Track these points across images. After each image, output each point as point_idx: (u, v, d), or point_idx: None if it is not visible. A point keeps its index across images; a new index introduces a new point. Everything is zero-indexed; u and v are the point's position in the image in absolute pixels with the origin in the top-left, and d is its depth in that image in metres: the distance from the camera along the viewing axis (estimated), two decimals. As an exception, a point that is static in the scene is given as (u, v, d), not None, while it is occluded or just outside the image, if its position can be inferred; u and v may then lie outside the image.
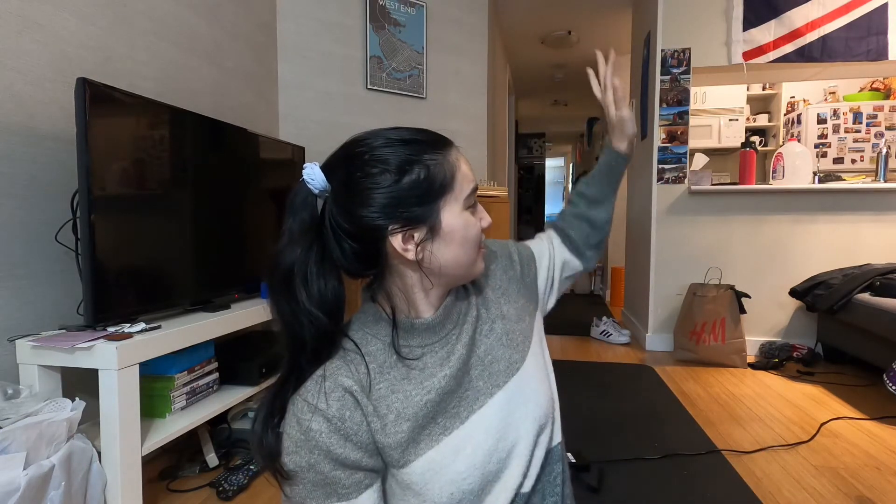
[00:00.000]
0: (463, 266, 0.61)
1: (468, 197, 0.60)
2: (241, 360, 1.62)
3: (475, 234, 0.61)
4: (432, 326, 0.62)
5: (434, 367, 0.61)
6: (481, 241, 0.63)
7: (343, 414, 0.56)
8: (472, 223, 0.61)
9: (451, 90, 2.96)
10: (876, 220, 2.81)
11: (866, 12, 2.71)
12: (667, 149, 2.97)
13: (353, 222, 0.56)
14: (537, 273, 0.78)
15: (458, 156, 0.61)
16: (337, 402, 0.56)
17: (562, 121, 7.84)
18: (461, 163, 0.61)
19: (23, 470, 0.91)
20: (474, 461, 0.59)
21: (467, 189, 0.60)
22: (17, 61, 1.22)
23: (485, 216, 0.63)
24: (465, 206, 0.60)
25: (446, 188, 0.58)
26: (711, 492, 1.43)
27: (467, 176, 0.61)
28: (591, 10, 3.89)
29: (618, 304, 4.63)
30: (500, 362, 0.65)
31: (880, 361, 2.12)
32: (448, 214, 0.59)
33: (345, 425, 0.56)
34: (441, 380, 0.60)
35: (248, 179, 1.81)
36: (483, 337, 0.66)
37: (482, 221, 0.63)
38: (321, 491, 0.56)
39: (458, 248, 0.60)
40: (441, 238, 0.59)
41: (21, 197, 1.23)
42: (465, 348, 0.63)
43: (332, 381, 0.57)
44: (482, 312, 0.68)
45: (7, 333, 1.18)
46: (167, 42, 1.73)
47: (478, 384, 0.63)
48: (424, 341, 0.62)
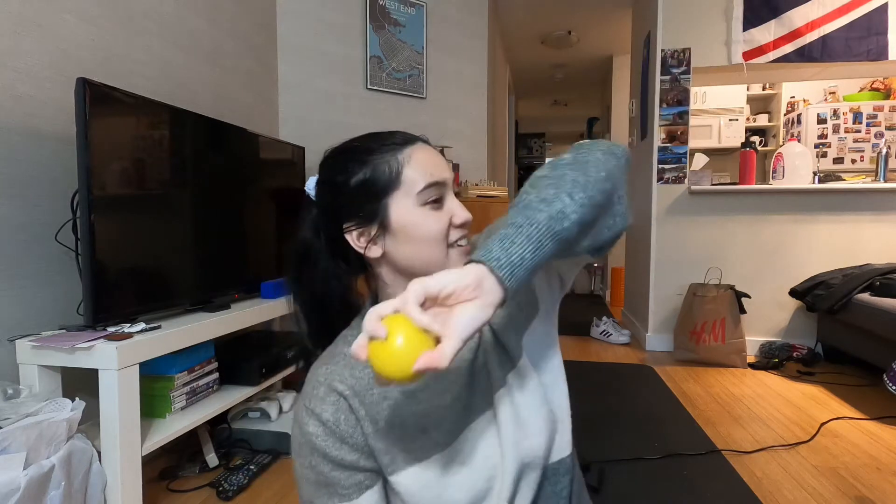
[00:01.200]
0: (426, 263, 0.58)
1: (422, 192, 0.58)
2: (241, 360, 1.62)
3: (434, 230, 0.58)
4: None
5: (427, 377, 0.60)
6: (452, 239, 0.59)
7: (338, 417, 0.57)
8: (428, 219, 0.58)
9: (451, 90, 2.96)
10: (876, 220, 2.81)
11: (866, 12, 2.71)
12: (667, 149, 2.97)
13: (324, 223, 0.62)
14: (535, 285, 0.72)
15: (412, 153, 0.59)
16: (331, 407, 0.57)
17: (562, 121, 7.84)
18: (415, 159, 0.59)
19: (23, 470, 0.91)
20: (462, 480, 0.59)
21: (421, 183, 0.58)
22: (17, 61, 1.22)
23: (459, 212, 0.60)
24: (421, 201, 0.58)
25: (392, 185, 0.58)
26: (711, 492, 1.43)
27: (423, 171, 0.58)
28: (591, 10, 3.89)
29: (618, 304, 4.63)
30: (494, 381, 0.63)
31: (880, 361, 2.12)
32: (397, 210, 0.58)
33: (339, 428, 0.57)
34: (433, 393, 0.60)
35: (247, 179, 1.81)
36: (481, 351, 0.64)
37: (454, 217, 0.59)
38: (324, 491, 0.58)
39: (416, 245, 0.58)
40: (394, 234, 0.59)
41: (21, 197, 1.23)
42: (463, 363, 0.62)
43: (327, 386, 0.59)
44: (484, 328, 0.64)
45: (7, 333, 1.18)
46: (167, 42, 1.73)
47: (473, 401, 0.62)
48: None
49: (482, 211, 2.58)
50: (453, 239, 0.59)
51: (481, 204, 2.58)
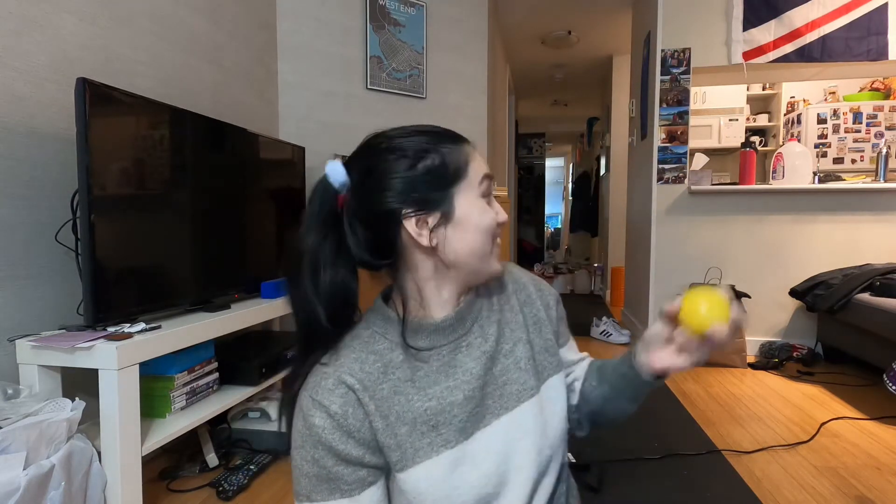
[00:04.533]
0: (477, 256, 0.60)
1: (482, 184, 0.61)
2: (241, 360, 1.62)
3: (489, 222, 0.60)
4: (442, 328, 0.61)
5: (439, 373, 0.61)
6: (496, 236, 0.62)
7: (346, 411, 0.56)
8: (486, 211, 0.61)
9: (451, 90, 2.96)
10: (876, 220, 2.81)
11: (866, 12, 2.71)
12: (667, 149, 2.97)
13: (369, 208, 0.59)
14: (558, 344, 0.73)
15: (472, 149, 0.63)
16: (340, 399, 0.56)
17: (562, 121, 7.84)
18: (476, 154, 0.62)
19: (23, 470, 0.91)
20: (471, 481, 0.58)
21: (481, 175, 0.61)
22: (17, 61, 1.22)
23: (501, 211, 0.62)
24: (481, 193, 0.61)
25: (460, 174, 0.60)
26: (711, 492, 1.43)
27: (482, 166, 0.62)
28: (591, 10, 3.89)
29: (618, 304, 4.63)
30: (514, 384, 0.63)
31: (880, 361, 2.12)
32: (462, 200, 0.59)
33: (347, 422, 0.56)
34: (444, 389, 0.60)
35: (247, 179, 1.81)
36: (502, 356, 0.64)
37: (498, 215, 0.62)
38: (325, 486, 0.57)
39: (472, 236, 0.59)
40: (454, 224, 0.59)
41: (21, 197, 1.23)
42: (477, 363, 0.62)
43: (336, 378, 0.57)
44: (506, 332, 0.66)
45: (7, 333, 1.18)
46: (167, 42, 1.73)
47: (487, 402, 0.62)
48: (433, 342, 0.61)
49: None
50: (497, 232, 0.62)
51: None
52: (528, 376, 0.64)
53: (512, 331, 0.66)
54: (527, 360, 0.65)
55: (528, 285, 0.71)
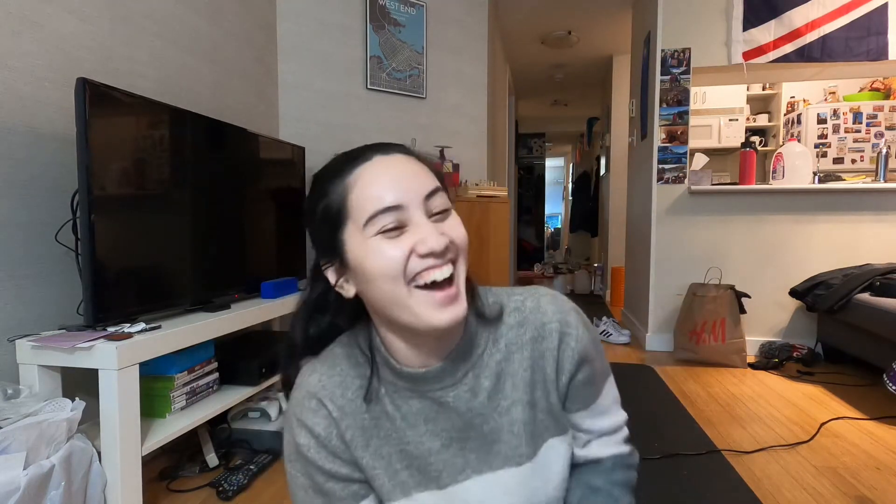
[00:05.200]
0: (389, 308, 0.50)
1: (371, 220, 0.48)
2: (241, 360, 1.62)
3: (385, 264, 0.48)
4: (425, 378, 0.55)
5: (419, 416, 0.56)
6: (412, 270, 0.48)
7: (329, 433, 0.56)
8: (380, 252, 0.48)
9: (451, 90, 2.96)
10: (876, 220, 2.81)
11: (866, 12, 2.71)
12: (667, 149, 2.97)
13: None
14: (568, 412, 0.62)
15: (362, 172, 0.50)
16: (323, 421, 0.56)
17: (562, 121, 7.84)
18: (363, 181, 0.50)
19: (23, 470, 0.91)
20: None
21: (368, 210, 0.48)
22: (17, 61, 1.22)
23: (427, 237, 0.48)
24: (373, 231, 0.48)
25: (342, 215, 0.51)
26: (711, 492, 1.43)
27: (371, 195, 0.49)
28: (591, 10, 3.89)
29: (618, 304, 4.62)
30: (503, 446, 0.57)
31: (880, 361, 2.12)
32: (350, 245, 0.50)
33: (331, 444, 0.56)
34: (423, 433, 0.56)
35: (247, 179, 1.81)
36: (495, 414, 0.57)
37: (418, 245, 0.48)
38: (320, 499, 0.57)
39: (372, 285, 0.50)
40: (353, 272, 0.52)
41: (21, 197, 1.23)
42: (462, 418, 0.56)
43: (318, 400, 0.56)
44: (506, 386, 0.57)
45: (7, 333, 1.18)
46: (167, 42, 1.73)
47: (469, 455, 0.57)
48: (416, 388, 0.56)
49: (482, 210, 2.58)
50: (413, 270, 0.48)
51: (481, 203, 2.58)
52: (519, 442, 0.57)
53: (514, 387, 0.57)
54: (522, 425, 0.57)
55: (551, 335, 0.58)
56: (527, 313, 0.58)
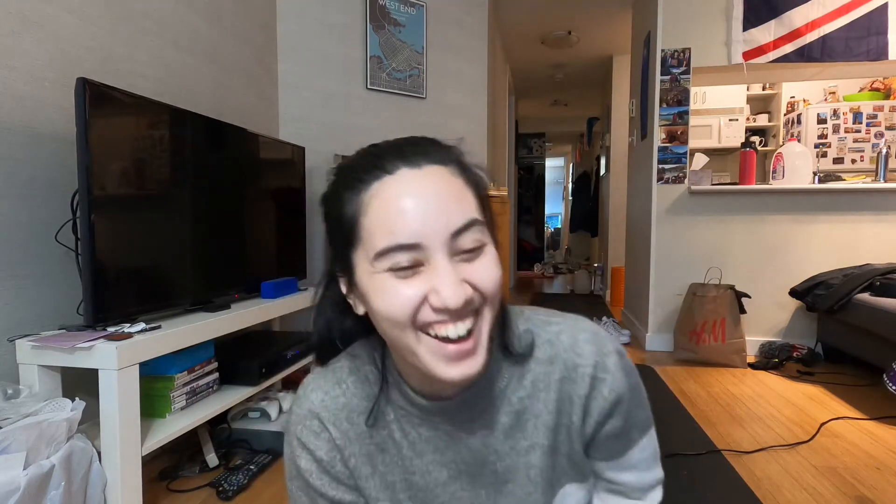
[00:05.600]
0: (396, 346, 0.44)
1: (380, 257, 0.40)
2: (241, 360, 1.62)
3: (393, 309, 0.41)
4: (437, 411, 0.51)
5: (427, 444, 0.52)
6: (423, 320, 0.41)
7: (333, 457, 0.52)
8: (388, 291, 0.41)
9: (451, 90, 2.96)
10: (876, 220, 2.81)
11: (866, 12, 2.71)
12: (667, 149, 2.97)
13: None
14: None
15: (380, 190, 0.41)
16: (326, 445, 0.52)
17: (562, 121, 7.85)
18: (379, 204, 0.41)
19: (23, 470, 0.91)
20: None
21: (378, 243, 0.40)
22: (17, 61, 1.22)
23: (442, 289, 0.40)
24: (382, 267, 0.41)
25: (353, 236, 0.43)
26: (711, 492, 1.43)
27: (384, 226, 0.40)
28: (591, 10, 3.89)
29: (618, 304, 4.62)
30: (517, 488, 0.52)
31: (880, 361, 2.11)
32: (359, 270, 0.43)
33: (334, 469, 0.52)
34: (429, 463, 0.52)
35: (247, 179, 1.81)
36: (512, 454, 0.52)
37: (431, 296, 0.40)
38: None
39: (378, 322, 0.44)
40: (362, 298, 0.45)
41: (21, 197, 1.23)
42: (474, 455, 0.52)
43: (320, 421, 0.52)
44: (527, 427, 0.52)
45: (7, 333, 1.18)
46: (167, 42, 1.73)
47: (478, 491, 0.53)
48: (426, 417, 0.52)
49: (482, 211, 2.57)
50: (423, 320, 0.41)
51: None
52: (535, 489, 0.52)
53: (535, 428, 0.52)
54: (539, 472, 0.52)
55: (582, 379, 0.51)
56: (559, 350, 0.51)
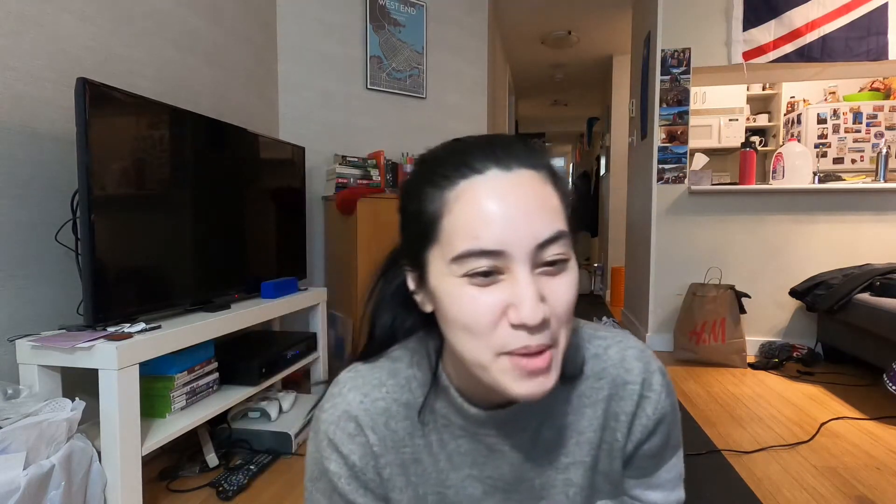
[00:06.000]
0: (467, 358, 0.41)
1: (458, 260, 0.38)
2: (241, 360, 1.62)
3: (471, 317, 0.39)
4: (485, 422, 0.49)
5: (465, 456, 0.50)
6: (503, 343, 0.39)
7: (366, 463, 0.49)
8: (465, 297, 0.39)
9: (451, 90, 2.96)
10: (876, 220, 2.81)
11: (866, 12, 2.71)
12: (667, 149, 2.97)
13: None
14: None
15: (467, 190, 0.39)
16: (360, 450, 0.49)
17: (562, 121, 7.85)
18: (463, 204, 0.39)
19: (23, 470, 0.91)
20: None
21: (461, 246, 0.38)
22: (16, 61, 1.22)
23: (522, 304, 0.37)
24: (460, 271, 0.39)
25: (432, 234, 0.41)
26: (711, 492, 1.43)
27: (466, 228, 0.38)
28: (591, 10, 3.89)
29: (618, 304, 4.62)
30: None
31: (880, 361, 2.11)
32: (434, 269, 0.41)
33: (366, 476, 0.49)
34: (465, 478, 0.50)
35: (247, 179, 1.81)
36: (551, 469, 0.51)
37: (511, 311, 0.38)
38: None
39: (452, 330, 0.41)
40: (432, 298, 0.43)
41: (21, 197, 1.23)
42: (513, 470, 0.50)
43: (357, 423, 0.49)
44: (570, 443, 0.51)
45: (7, 333, 1.18)
46: (167, 42, 1.73)
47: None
48: (469, 428, 0.50)
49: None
50: (505, 343, 0.39)
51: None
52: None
53: (578, 445, 0.51)
54: (579, 490, 0.51)
55: (630, 397, 0.50)
56: (608, 365, 0.50)
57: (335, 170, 2.38)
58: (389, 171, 2.54)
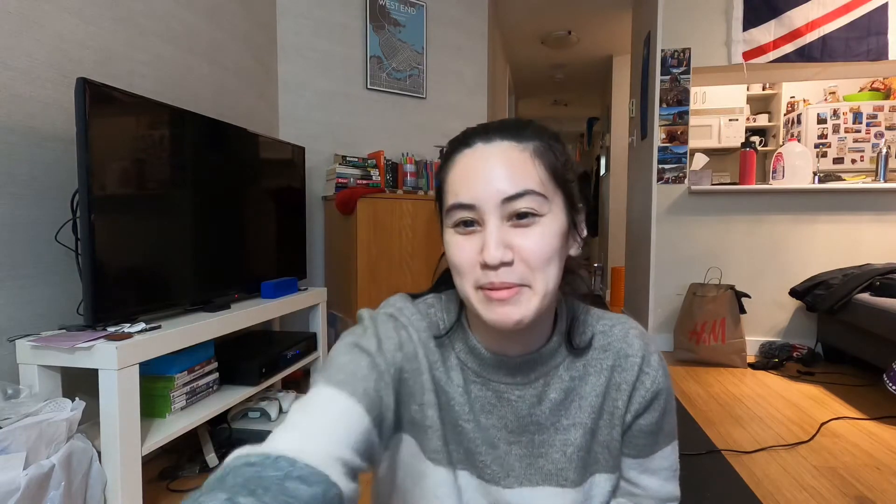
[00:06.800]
0: (461, 293, 0.50)
1: (448, 212, 0.49)
2: (241, 360, 1.62)
3: (455, 259, 0.48)
4: (496, 365, 0.54)
5: (476, 402, 0.55)
6: (477, 278, 0.47)
7: (393, 358, 0.52)
8: (452, 245, 0.49)
9: (451, 90, 2.96)
10: (876, 220, 2.81)
11: (866, 12, 2.71)
12: (667, 149, 2.97)
13: None
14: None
15: (459, 159, 0.49)
16: (396, 341, 0.53)
17: (562, 121, 7.84)
18: (456, 169, 0.49)
19: (23, 470, 0.91)
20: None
21: (449, 201, 0.49)
22: (17, 61, 1.22)
23: (486, 247, 0.46)
24: (450, 222, 0.49)
25: (440, 197, 0.52)
26: (711, 492, 1.43)
27: (453, 187, 0.49)
28: (591, 10, 3.89)
29: (618, 304, 4.62)
30: (550, 464, 0.55)
31: (880, 361, 2.12)
32: (444, 225, 0.51)
33: (386, 371, 0.50)
34: (476, 422, 0.55)
35: (247, 179, 1.81)
36: (552, 429, 0.55)
37: (483, 253, 0.46)
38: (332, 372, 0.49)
39: (451, 268, 0.50)
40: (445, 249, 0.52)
41: (21, 197, 1.23)
42: (517, 422, 0.55)
43: (401, 323, 0.55)
44: (572, 406, 0.56)
45: (7, 333, 1.18)
46: (167, 42, 1.73)
47: (514, 464, 0.55)
48: (483, 371, 0.55)
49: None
50: (477, 279, 0.47)
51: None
52: (568, 465, 0.55)
53: (580, 409, 0.56)
54: (576, 450, 0.55)
55: (632, 368, 0.56)
56: (612, 340, 0.57)
57: (335, 170, 2.38)
58: (389, 171, 2.54)
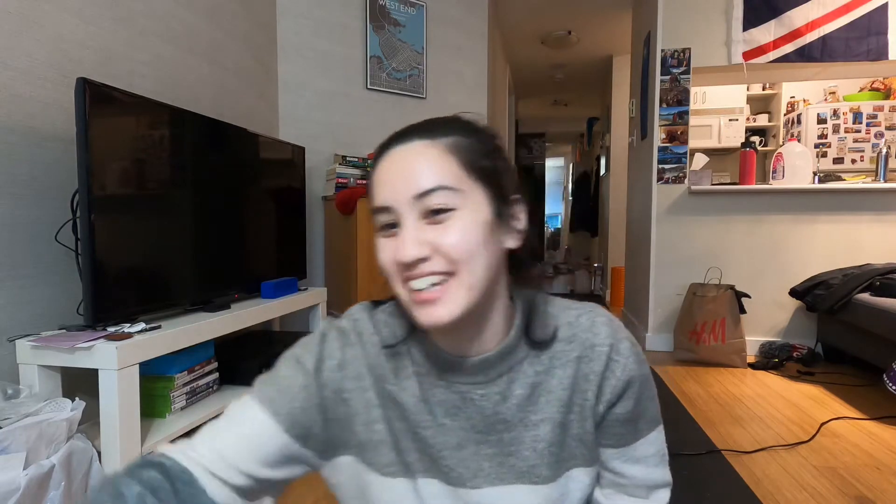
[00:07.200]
0: (398, 297, 0.49)
1: (374, 215, 0.48)
2: (241, 360, 1.62)
3: (382, 263, 0.48)
4: (455, 367, 0.52)
5: (438, 407, 0.53)
6: (405, 277, 0.47)
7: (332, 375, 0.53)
8: (377, 247, 0.49)
9: (451, 90, 2.96)
10: (876, 220, 2.81)
11: (866, 12, 2.71)
12: (667, 149, 2.97)
13: None
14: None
15: (379, 166, 0.49)
16: (339, 358, 0.54)
17: (562, 121, 7.84)
18: (375, 174, 0.49)
19: (23, 470, 0.91)
20: None
21: (371, 205, 0.49)
22: (17, 61, 1.22)
23: (400, 246, 0.45)
24: (376, 227, 0.48)
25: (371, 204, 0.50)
26: (711, 492, 1.43)
27: (372, 192, 0.48)
28: (591, 10, 3.89)
29: (618, 304, 4.62)
30: (521, 462, 0.53)
31: (880, 361, 2.11)
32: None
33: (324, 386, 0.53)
34: (439, 426, 0.53)
35: (247, 179, 1.81)
36: (520, 426, 0.53)
37: (397, 252, 0.46)
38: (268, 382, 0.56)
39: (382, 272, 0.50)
40: None
41: (21, 197, 1.23)
42: (483, 421, 0.53)
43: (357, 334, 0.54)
44: (540, 400, 0.53)
45: (7, 333, 1.18)
46: (167, 42, 1.73)
47: (482, 463, 0.53)
48: (443, 374, 0.53)
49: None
50: (405, 280, 0.47)
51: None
52: (540, 462, 0.53)
53: (548, 403, 0.53)
54: (548, 445, 0.53)
55: (599, 358, 0.53)
56: (578, 330, 0.54)
57: (335, 170, 2.38)
58: (389, 171, 2.54)
